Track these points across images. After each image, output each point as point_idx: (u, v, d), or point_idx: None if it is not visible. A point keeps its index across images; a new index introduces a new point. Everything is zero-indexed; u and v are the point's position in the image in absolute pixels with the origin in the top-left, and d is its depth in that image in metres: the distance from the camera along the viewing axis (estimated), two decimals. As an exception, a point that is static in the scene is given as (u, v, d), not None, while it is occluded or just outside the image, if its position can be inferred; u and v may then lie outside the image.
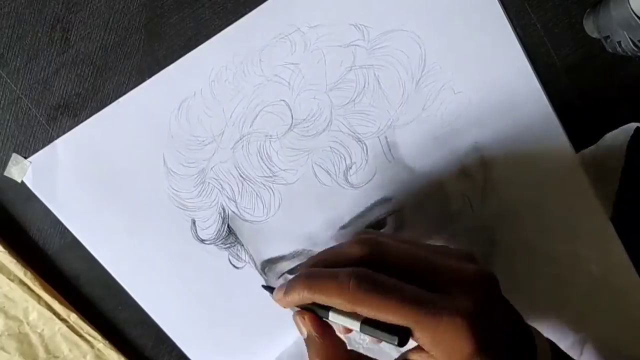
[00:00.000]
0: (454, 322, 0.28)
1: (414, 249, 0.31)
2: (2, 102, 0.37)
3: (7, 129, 0.38)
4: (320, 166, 0.37)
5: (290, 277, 0.38)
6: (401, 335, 0.28)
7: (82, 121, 0.37)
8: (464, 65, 0.37)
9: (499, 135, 0.37)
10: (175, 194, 0.38)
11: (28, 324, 0.39)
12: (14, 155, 0.38)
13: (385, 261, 0.30)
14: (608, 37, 0.36)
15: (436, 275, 0.30)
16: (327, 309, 0.30)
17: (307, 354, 0.32)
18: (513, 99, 0.37)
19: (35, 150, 0.38)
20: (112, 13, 0.37)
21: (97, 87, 0.37)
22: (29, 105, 0.38)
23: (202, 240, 0.38)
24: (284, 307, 0.32)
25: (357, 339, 0.40)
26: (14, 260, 0.38)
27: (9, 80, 0.37)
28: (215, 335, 0.39)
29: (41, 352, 0.39)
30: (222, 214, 0.38)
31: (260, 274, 0.39)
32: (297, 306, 0.31)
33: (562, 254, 0.38)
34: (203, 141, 0.37)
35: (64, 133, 0.38)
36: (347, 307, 0.29)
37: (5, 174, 0.38)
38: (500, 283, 0.31)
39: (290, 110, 0.37)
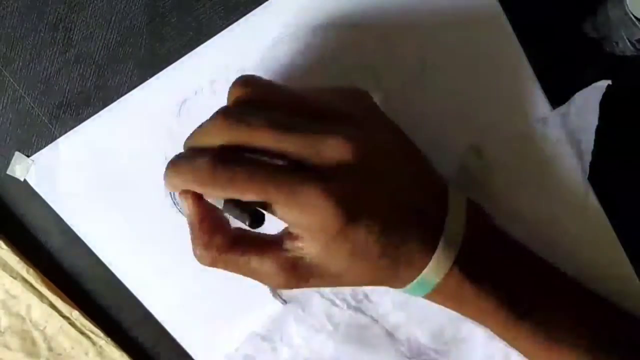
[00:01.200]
0: (312, 198, 0.26)
1: (286, 122, 0.28)
2: (5, 101, 0.38)
3: (10, 128, 0.38)
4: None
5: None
6: (252, 215, 0.27)
7: (84, 120, 0.38)
8: (464, 65, 0.37)
9: (499, 135, 0.37)
10: (176, 193, 0.38)
11: (30, 321, 0.39)
12: (17, 153, 0.38)
13: (248, 142, 0.28)
14: (606, 37, 0.37)
15: (309, 153, 0.28)
16: None
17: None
18: (513, 97, 0.37)
19: (38, 149, 0.38)
20: (114, 13, 0.37)
21: (100, 86, 0.38)
22: (32, 104, 0.38)
23: (203, 238, 0.39)
24: (171, 191, 0.31)
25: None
26: (17, 258, 0.38)
27: (11, 80, 0.38)
28: (216, 333, 0.40)
29: (43, 349, 0.40)
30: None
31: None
32: None
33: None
34: (204, 140, 0.38)
35: (66, 132, 0.38)
36: (203, 190, 0.28)
37: (8, 172, 0.38)
38: None
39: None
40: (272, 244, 0.30)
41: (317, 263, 0.29)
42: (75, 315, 0.39)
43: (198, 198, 0.30)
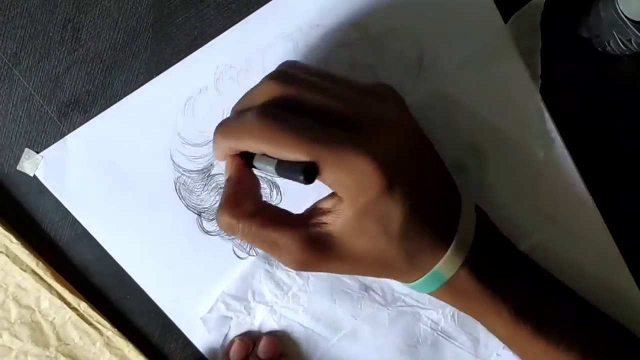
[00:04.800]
0: (359, 160, 0.26)
1: (333, 87, 0.29)
2: (15, 99, 0.39)
3: (20, 125, 0.39)
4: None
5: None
6: (306, 171, 0.26)
7: (92, 117, 0.39)
8: (461, 64, 0.38)
9: (495, 133, 0.38)
10: (181, 188, 0.39)
11: (40, 312, 0.40)
12: (27, 150, 0.39)
13: (300, 99, 0.28)
14: (598, 36, 0.37)
15: (355, 116, 0.28)
16: (251, 157, 0.29)
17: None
18: (508, 96, 0.38)
19: (47, 145, 0.39)
20: (121, 13, 0.38)
21: (107, 84, 0.39)
22: (41, 102, 0.39)
23: (208, 232, 0.39)
24: (220, 160, 0.31)
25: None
26: (26, 251, 0.39)
27: (21, 78, 0.38)
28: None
29: (52, 340, 0.40)
30: (227, 206, 0.39)
31: (263, 264, 0.40)
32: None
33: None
34: (208, 137, 0.38)
35: (74, 129, 0.39)
36: (254, 148, 0.28)
37: (18, 168, 0.39)
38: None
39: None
40: (298, 220, 0.30)
41: (343, 241, 0.29)
42: (84, 306, 0.40)
43: (243, 162, 0.30)
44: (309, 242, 0.29)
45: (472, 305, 0.32)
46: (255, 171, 0.31)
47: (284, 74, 0.30)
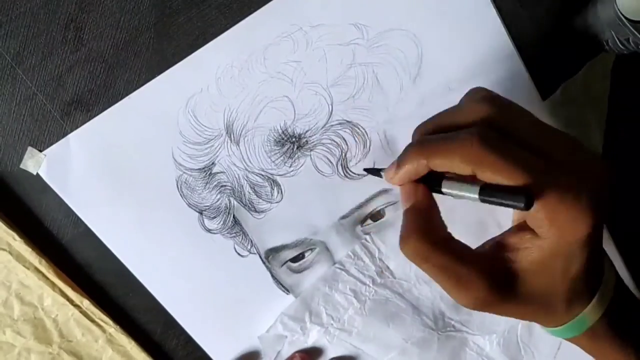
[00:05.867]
0: (579, 200, 0.25)
1: (539, 120, 0.28)
2: (18, 98, 0.39)
3: (23, 124, 0.39)
4: (322, 159, 0.39)
5: (294, 265, 0.40)
6: (527, 196, 0.25)
7: (94, 116, 0.39)
8: (459, 64, 0.38)
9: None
10: (183, 186, 0.39)
11: (43, 309, 0.40)
12: (30, 148, 0.39)
13: (511, 126, 0.27)
14: (596, 35, 0.38)
15: (563, 154, 0.27)
16: (440, 181, 0.28)
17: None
18: (507, 94, 0.38)
19: (50, 144, 0.39)
20: (123, 13, 0.38)
21: (109, 83, 0.39)
22: (44, 101, 0.39)
23: (209, 230, 0.40)
24: (397, 184, 0.29)
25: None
26: (29, 249, 0.39)
27: (24, 77, 0.39)
28: (221, 320, 0.41)
29: (55, 337, 0.41)
30: (228, 205, 0.40)
31: (264, 263, 0.40)
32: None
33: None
34: (209, 135, 0.39)
35: (77, 127, 0.39)
36: (467, 169, 0.26)
37: (22, 166, 0.39)
38: None
39: (293, 105, 0.38)
40: (482, 256, 0.28)
41: (524, 279, 0.28)
42: (86, 304, 0.40)
43: (427, 188, 0.29)
44: (495, 281, 0.28)
45: (606, 352, 0.32)
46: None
47: (496, 97, 0.28)
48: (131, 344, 0.41)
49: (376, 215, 0.40)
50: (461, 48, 0.38)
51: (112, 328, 0.40)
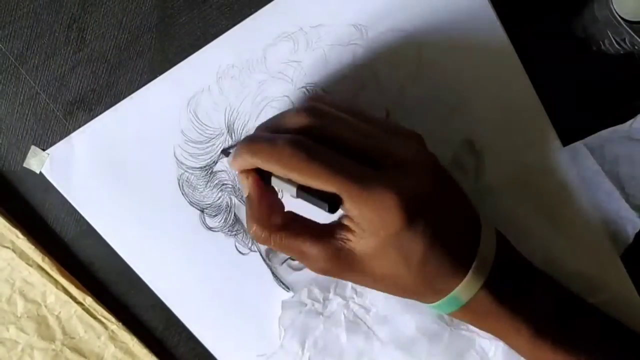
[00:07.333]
0: (384, 197, 0.28)
1: (360, 125, 0.31)
2: (21, 97, 0.39)
3: (27, 123, 0.40)
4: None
5: (294, 262, 0.41)
6: (331, 202, 0.28)
7: (96, 115, 0.39)
8: (459, 64, 0.38)
9: (492, 130, 0.39)
10: (184, 185, 0.40)
11: (46, 306, 0.41)
12: (33, 147, 0.40)
13: (328, 133, 0.30)
14: (593, 35, 0.38)
15: (379, 153, 0.30)
16: (270, 174, 0.31)
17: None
18: (507, 96, 0.38)
19: (53, 143, 0.39)
20: (126, 13, 0.39)
21: (111, 83, 0.39)
22: (47, 100, 0.39)
23: (210, 228, 0.40)
24: (235, 170, 0.33)
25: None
26: (33, 247, 0.40)
27: (28, 77, 0.39)
28: (223, 317, 0.41)
29: (58, 334, 0.41)
30: (229, 203, 0.40)
31: (265, 260, 0.41)
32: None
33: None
34: (211, 134, 0.39)
35: (79, 127, 0.39)
36: (282, 173, 0.29)
37: (25, 165, 0.40)
38: None
39: (293, 105, 0.39)
40: (325, 232, 0.31)
41: (364, 260, 0.30)
42: (89, 301, 0.41)
43: (259, 179, 0.31)
44: (335, 255, 0.31)
45: (492, 325, 0.33)
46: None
47: (315, 108, 0.31)
48: (133, 341, 0.41)
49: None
50: (462, 48, 0.38)
51: (114, 325, 0.41)
